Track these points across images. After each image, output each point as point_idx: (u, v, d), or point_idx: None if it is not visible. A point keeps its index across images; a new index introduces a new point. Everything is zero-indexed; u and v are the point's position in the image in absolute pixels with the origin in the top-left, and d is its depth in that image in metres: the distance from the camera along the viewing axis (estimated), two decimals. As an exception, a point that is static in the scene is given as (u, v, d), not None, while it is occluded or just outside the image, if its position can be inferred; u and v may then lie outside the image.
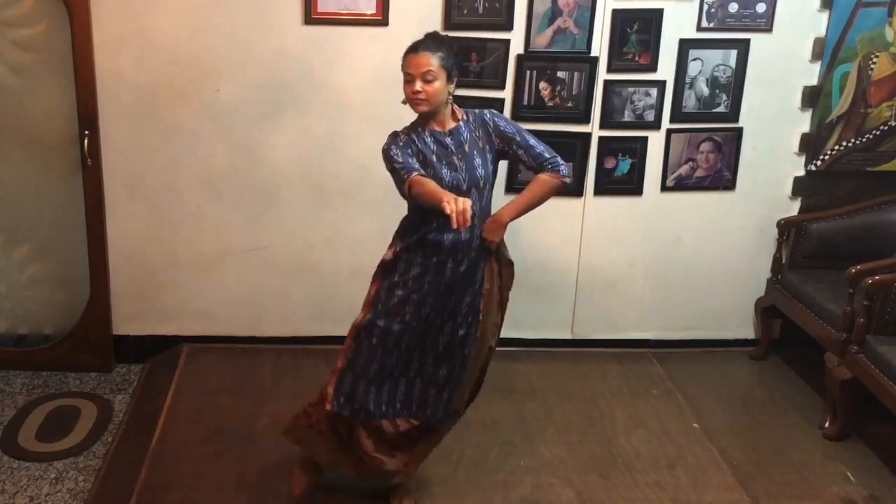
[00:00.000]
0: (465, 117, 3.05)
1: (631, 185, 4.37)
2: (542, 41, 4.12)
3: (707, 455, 3.77)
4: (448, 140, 3.00)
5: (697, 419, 4.03)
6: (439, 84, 2.92)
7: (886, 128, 4.37)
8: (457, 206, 2.61)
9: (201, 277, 4.36)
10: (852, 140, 4.38)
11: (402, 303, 3.04)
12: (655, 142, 4.33)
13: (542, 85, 4.18)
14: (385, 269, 3.09)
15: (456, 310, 3.09)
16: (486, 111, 3.09)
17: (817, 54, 4.26)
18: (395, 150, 2.96)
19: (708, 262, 4.54)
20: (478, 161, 3.00)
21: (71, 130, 4.08)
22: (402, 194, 2.94)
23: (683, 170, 4.38)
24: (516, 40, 4.11)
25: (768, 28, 4.20)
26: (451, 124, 3.03)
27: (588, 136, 4.28)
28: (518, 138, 3.04)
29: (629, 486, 3.54)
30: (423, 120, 3.00)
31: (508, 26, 4.09)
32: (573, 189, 4.33)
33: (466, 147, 3.01)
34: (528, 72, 4.16)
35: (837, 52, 4.24)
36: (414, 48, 2.93)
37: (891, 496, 3.54)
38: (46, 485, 3.46)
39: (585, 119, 4.25)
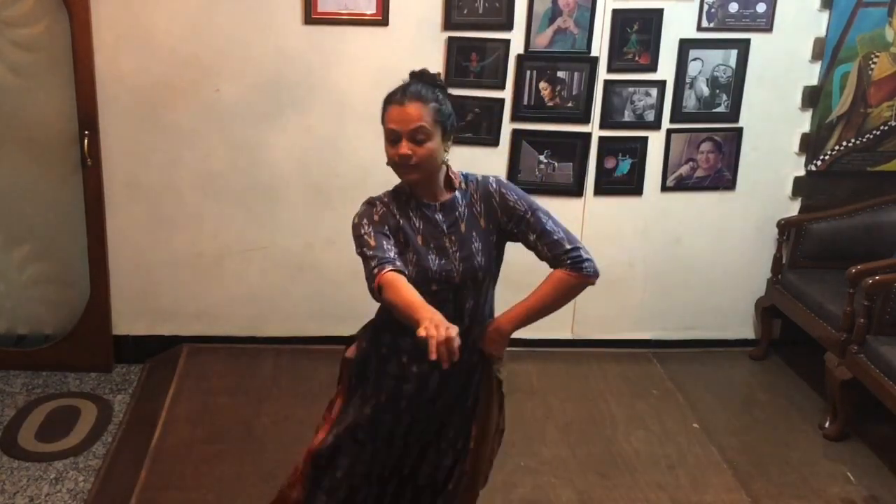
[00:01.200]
0: (463, 185, 2.38)
1: (631, 185, 4.37)
2: (542, 41, 4.12)
3: (707, 455, 3.77)
4: (439, 216, 2.33)
5: (697, 419, 4.03)
6: (433, 144, 2.26)
7: (886, 128, 4.37)
8: (439, 333, 1.90)
9: (201, 277, 4.36)
10: (852, 140, 4.38)
11: (371, 421, 2.42)
12: (655, 142, 4.32)
13: (542, 85, 4.18)
14: (350, 373, 2.46)
15: (441, 434, 2.49)
16: (491, 178, 2.40)
17: (817, 54, 4.26)
18: (366, 227, 2.27)
19: (708, 262, 4.54)
20: (476, 245, 2.34)
21: (71, 130, 4.08)
22: (371, 291, 2.23)
23: (683, 170, 4.38)
24: (516, 40, 4.11)
25: (768, 28, 4.20)
26: (445, 195, 2.35)
27: (588, 136, 4.28)
28: (531, 218, 2.34)
29: (629, 486, 3.54)
30: (411, 186, 2.35)
31: (508, 26, 4.09)
32: (573, 189, 4.33)
33: (463, 226, 2.34)
34: (528, 72, 4.15)
35: (837, 52, 4.24)
36: (399, 97, 2.27)
37: (891, 496, 3.53)
38: (46, 485, 3.46)
39: (585, 119, 4.25)
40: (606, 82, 4.21)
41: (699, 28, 4.17)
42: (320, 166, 4.24)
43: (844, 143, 4.38)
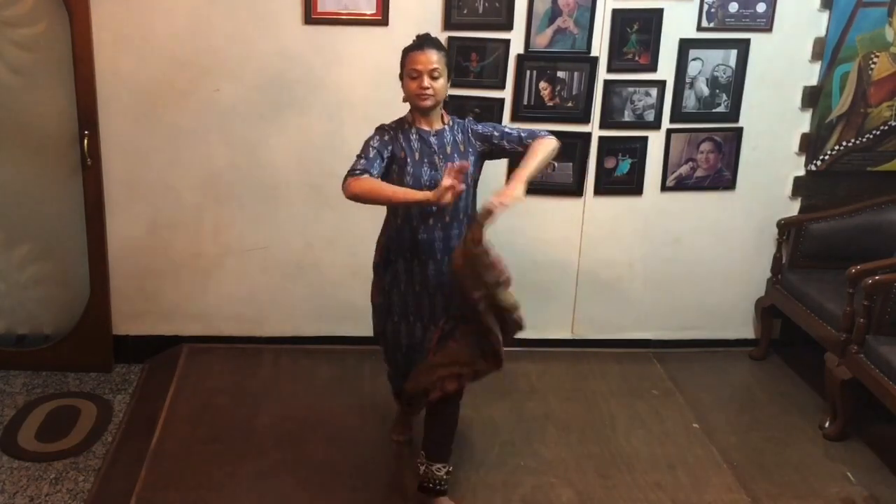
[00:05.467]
0: (450, 122, 3.20)
1: (631, 185, 4.37)
2: (542, 41, 4.12)
3: (707, 455, 3.77)
4: (433, 139, 3.13)
5: (697, 419, 4.03)
6: (443, 81, 3.08)
7: (886, 128, 4.37)
8: (447, 187, 2.81)
9: (201, 277, 4.36)
10: (852, 140, 4.38)
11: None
12: (655, 142, 4.32)
13: (542, 85, 4.18)
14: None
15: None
16: (467, 119, 3.27)
17: (817, 54, 4.26)
18: (374, 142, 3.09)
19: (708, 262, 4.54)
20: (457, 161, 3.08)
21: (71, 130, 4.08)
22: (343, 185, 3.01)
23: (683, 170, 4.38)
24: (516, 40, 4.11)
25: (768, 28, 4.20)
26: (439, 125, 3.16)
27: (588, 136, 4.28)
28: (496, 132, 3.19)
29: (629, 486, 3.54)
30: (413, 116, 3.14)
31: (508, 26, 4.09)
32: (573, 189, 4.33)
33: (449, 149, 3.14)
34: (528, 72, 4.16)
35: (837, 52, 4.24)
36: (419, 46, 3.07)
37: (891, 496, 3.54)
38: (46, 485, 3.46)
39: (585, 119, 4.25)
40: (606, 82, 4.21)
41: (699, 28, 4.17)
42: (320, 166, 4.23)
43: (844, 143, 4.38)
